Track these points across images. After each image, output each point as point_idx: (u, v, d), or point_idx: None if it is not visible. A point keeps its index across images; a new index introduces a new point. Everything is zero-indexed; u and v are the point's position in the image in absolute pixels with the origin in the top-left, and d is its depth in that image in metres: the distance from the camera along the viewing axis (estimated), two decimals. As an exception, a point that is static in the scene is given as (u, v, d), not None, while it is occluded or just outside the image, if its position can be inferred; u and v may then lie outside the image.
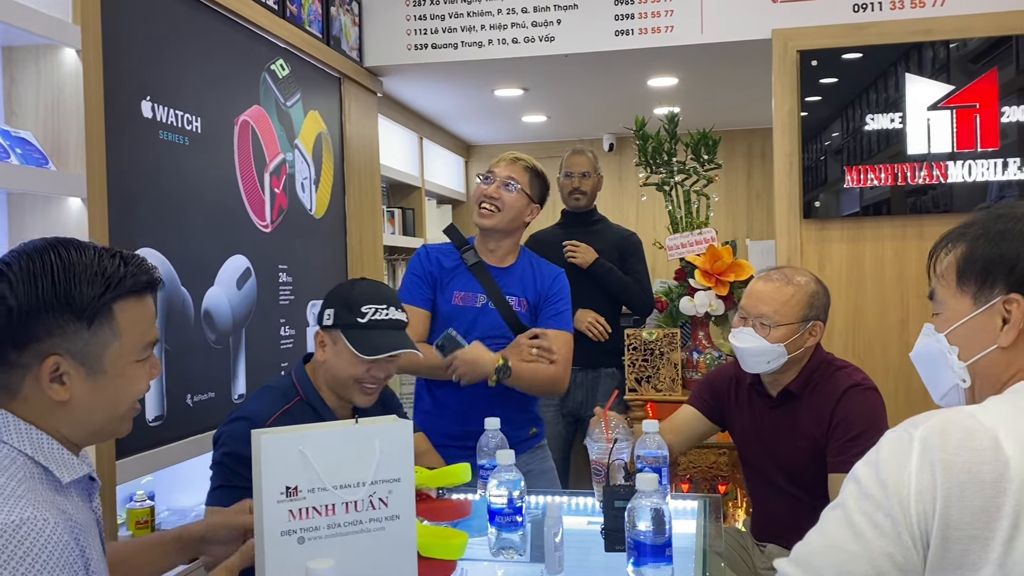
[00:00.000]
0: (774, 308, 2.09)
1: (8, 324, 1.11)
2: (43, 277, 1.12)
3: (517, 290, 2.40)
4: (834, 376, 2.13)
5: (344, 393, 1.88)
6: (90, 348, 1.14)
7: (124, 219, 2.25)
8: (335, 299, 1.88)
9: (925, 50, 3.31)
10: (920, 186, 3.31)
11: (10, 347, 1.12)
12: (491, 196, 2.35)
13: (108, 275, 1.15)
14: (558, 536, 1.52)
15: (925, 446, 0.96)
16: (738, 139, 5.75)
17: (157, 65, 2.43)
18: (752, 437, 2.22)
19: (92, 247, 1.18)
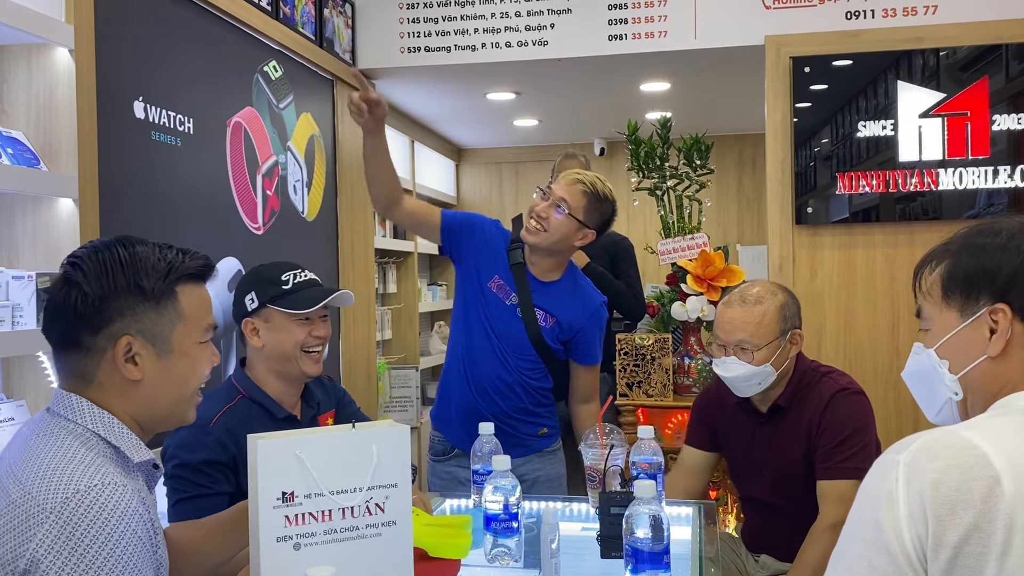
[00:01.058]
0: (750, 332, 2.07)
1: (84, 310, 1.21)
2: (113, 265, 1.22)
3: (548, 305, 2.35)
4: (820, 383, 2.12)
5: (292, 369, 1.88)
6: (159, 328, 1.25)
7: (115, 220, 2.23)
8: (249, 285, 1.93)
9: (915, 58, 3.33)
10: (909, 193, 3.33)
11: (87, 332, 1.21)
12: (539, 215, 2.28)
13: (169, 260, 1.27)
14: (554, 543, 1.51)
15: (911, 470, 0.96)
16: (729, 145, 5.76)
17: (150, 65, 2.42)
18: (744, 454, 2.21)
19: (152, 243, 1.30)
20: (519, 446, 2.35)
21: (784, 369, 2.11)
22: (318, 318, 1.91)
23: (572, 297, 2.37)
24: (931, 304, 1.18)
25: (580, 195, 2.28)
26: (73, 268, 1.23)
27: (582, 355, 2.42)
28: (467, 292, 2.38)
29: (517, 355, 2.33)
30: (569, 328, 2.35)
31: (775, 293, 2.13)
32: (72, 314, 1.21)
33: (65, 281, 1.23)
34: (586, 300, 2.40)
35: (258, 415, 1.85)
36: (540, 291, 2.35)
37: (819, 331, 3.44)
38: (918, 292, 1.21)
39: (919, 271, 1.21)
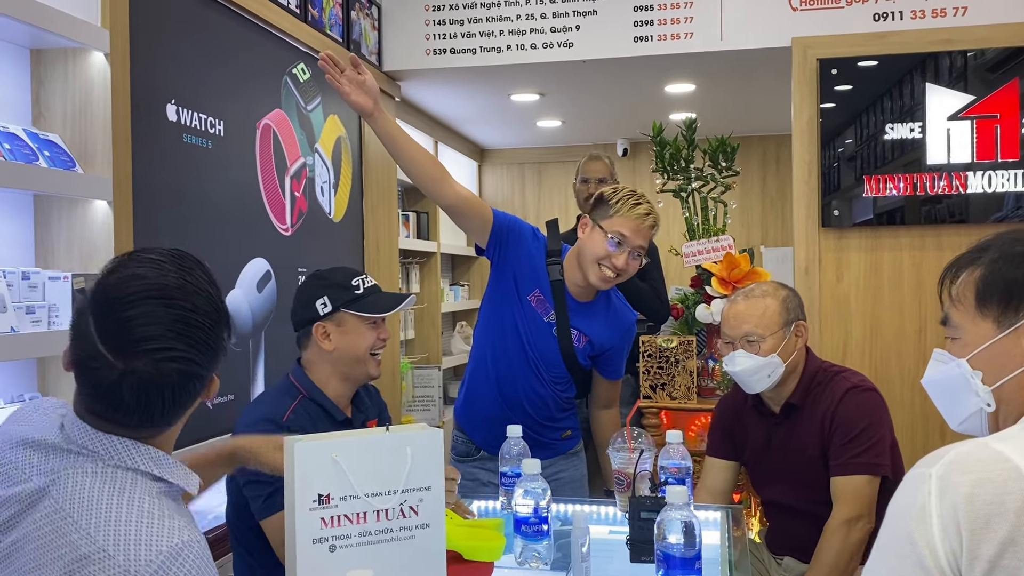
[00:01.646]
0: (754, 323, 2.09)
1: (203, 387, 1.17)
2: (215, 337, 1.16)
3: (583, 325, 2.31)
4: (832, 381, 2.13)
5: (358, 372, 1.93)
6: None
7: (148, 222, 2.26)
8: (320, 290, 1.93)
9: (943, 59, 3.30)
10: (936, 195, 3.30)
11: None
12: (620, 268, 2.19)
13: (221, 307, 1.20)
14: (585, 546, 1.52)
15: (944, 483, 0.95)
16: (753, 145, 5.74)
17: (182, 69, 2.45)
18: (763, 456, 2.21)
19: (204, 287, 1.17)
20: (544, 448, 2.34)
21: (792, 362, 2.11)
22: (381, 321, 1.96)
23: (606, 317, 2.34)
24: (961, 312, 1.15)
25: (650, 235, 2.25)
26: (187, 362, 1.11)
27: (608, 370, 2.41)
28: (503, 298, 2.33)
29: (550, 370, 2.33)
30: (600, 347, 2.34)
31: (777, 288, 2.17)
32: (194, 389, 1.15)
33: (181, 375, 1.11)
34: (620, 320, 2.37)
35: (320, 416, 1.90)
36: (577, 311, 2.31)
37: (845, 335, 3.43)
38: (946, 299, 1.17)
39: (946, 277, 1.18)
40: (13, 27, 1.89)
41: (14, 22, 1.85)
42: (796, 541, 2.17)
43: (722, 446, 2.30)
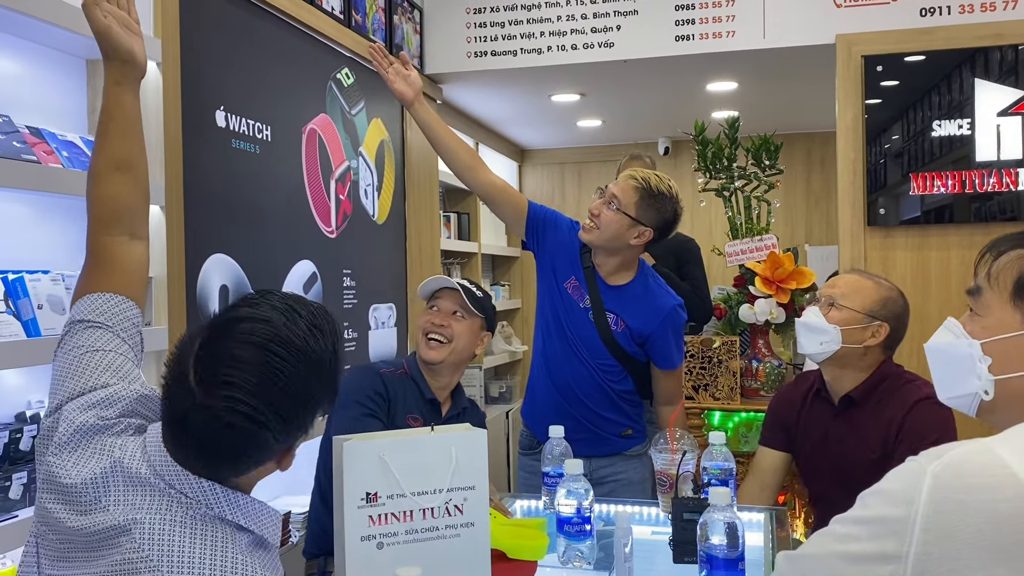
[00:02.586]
0: (844, 291, 2.10)
1: (276, 447, 1.08)
2: (295, 408, 1.08)
3: (618, 309, 2.34)
4: (903, 388, 2.09)
5: (420, 351, 2.10)
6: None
7: (199, 226, 2.32)
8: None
9: (992, 54, 3.24)
10: (985, 193, 3.24)
11: (271, 460, 1.11)
12: (592, 212, 2.30)
13: (331, 354, 1.15)
14: (628, 546, 1.53)
15: (937, 483, 0.93)
16: (797, 143, 5.67)
17: (230, 76, 2.50)
18: (817, 450, 2.18)
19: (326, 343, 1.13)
20: (602, 443, 2.38)
21: (854, 351, 2.07)
22: (448, 313, 2.11)
23: (642, 301, 2.35)
24: (996, 294, 1.09)
25: (632, 191, 2.27)
26: (256, 418, 1.03)
27: (658, 359, 2.40)
28: (547, 288, 2.43)
29: (594, 356, 2.37)
30: (639, 333, 2.34)
31: (892, 288, 2.14)
32: (264, 454, 1.08)
33: (252, 421, 1.03)
34: (657, 304, 2.37)
35: (410, 388, 2.09)
36: (609, 294, 2.35)
37: (892, 334, 3.37)
38: (982, 271, 1.12)
39: (990, 252, 1.12)
40: (70, 39, 1.96)
41: (71, 34, 1.91)
42: None
43: (775, 436, 2.28)
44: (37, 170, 1.79)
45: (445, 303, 2.12)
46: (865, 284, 2.12)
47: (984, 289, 1.11)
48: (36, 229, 1.99)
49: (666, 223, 2.31)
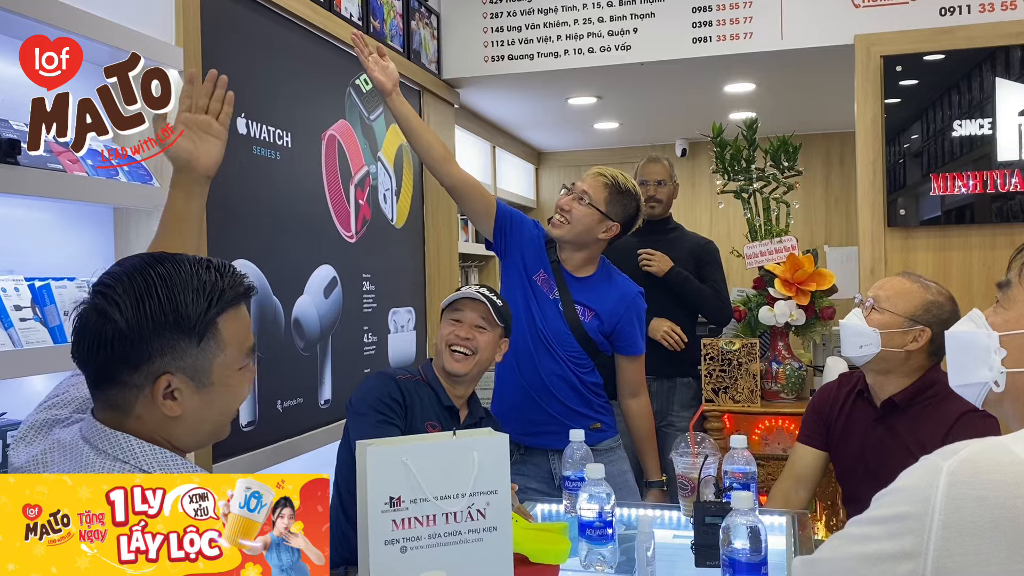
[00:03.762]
0: (888, 294, 2.07)
1: (122, 348, 1.12)
2: (149, 298, 1.13)
3: (585, 299, 2.46)
4: (950, 397, 2.04)
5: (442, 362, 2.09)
6: (199, 363, 1.17)
7: (221, 232, 2.34)
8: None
9: (1013, 52, 3.21)
10: (1008, 193, 3.21)
11: (125, 369, 1.14)
12: (563, 208, 2.42)
13: (209, 290, 1.17)
14: (650, 550, 1.53)
15: (953, 479, 0.93)
16: (816, 144, 5.65)
17: (251, 83, 2.53)
18: (856, 453, 2.15)
19: (186, 260, 1.19)
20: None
21: (896, 356, 2.04)
22: (472, 326, 2.09)
23: (608, 289, 2.48)
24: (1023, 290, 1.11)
25: (602, 187, 2.40)
26: (106, 299, 1.13)
27: (624, 345, 2.50)
28: (516, 282, 2.49)
29: (564, 347, 2.44)
30: (608, 320, 2.45)
31: (939, 293, 2.09)
32: (108, 350, 1.12)
33: (99, 312, 1.13)
34: (621, 291, 2.50)
35: (428, 395, 2.08)
36: (576, 286, 2.46)
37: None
38: (1015, 267, 1.13)
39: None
40: (93, 48, 1.98)
41: (94, 43, 1.94)
42: None
43: (814, 434, 2.25)
44: (63, 179, 1.81)
45: (469, 315, 2.10)
46: (910, 288, 2.07)
47: (1014, 284, 1.13)
48: (61, 237, 2.02)
49: (630, 218, 2.46)
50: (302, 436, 2.69)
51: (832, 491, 2.82)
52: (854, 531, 1.01)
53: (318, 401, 2.82)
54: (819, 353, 3.54)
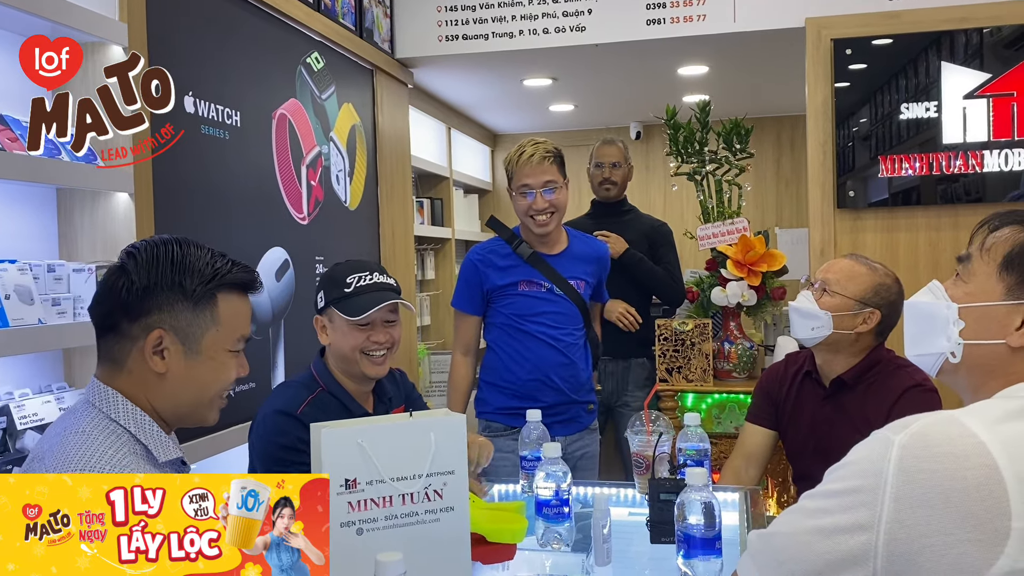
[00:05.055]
0: (837, 277, 2.11)
1: (128, 297, 1.25)
2: (163, 260, 1.26)
3: (578, 272, 2.53)
4: (895, 374, 2.10)
5: (354, 370, 1.90)
6: (192, 328, 1.27)
7: (169, 213, 2.28)
8: (322, 282, 1.96)
9: (958, 37, 3.28)
10: (951, 175, 3.29)
11: (125, 319, 1.25)
12: (542, 209, 2.43)
13: (217, 267, 1.30)
14: (606, 528, 1.54)
15: (904, 453, 0.95)
16: (767, 127, 5.72)
17: (199, 60, 2.47)
18: (805, 432, 2.20)
19: (208, 248, 1.32)
20: (573, 422, 2.52)
21: (846, 338, 2.09)
22: (381, 323, 1.88)
23: (585, 251, 2.58)
24: (983, 264, 1.12)
25: (551, 165, 2.44)
26: (128, 257, 1.27)
27: (597, 296, 2.69)
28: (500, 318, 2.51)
29: (566, 332, 2.48)
30: (597, 281, 2.61)
31: (887, 275, 2.14)
32: (116, 299, 1.25)
33: (119, 268, 1.27)
34: (596, 249, 2.63)
35: (337, 410, 1.88)
36: (561, 263, 2.51)
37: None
38: (976, 241, 1.15)
39: (988, 223, 1.15)
40: (32, 22, 1.91)
41: (32, 17, 1.87)
42: None
43: (763, 414, 2.30)
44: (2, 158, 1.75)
45: (377, 314, 1.88)
46: (860, 270, 2.11)
47: (974, 258, 1.14)
48: (2, 218, 1.95)
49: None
50: (254, 421, 2.65)
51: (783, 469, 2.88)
52: (808, 504, 1.02)
53: (271, 385, 2.78)
54: (770, 333, 3.59)
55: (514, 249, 2.48)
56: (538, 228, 2.44)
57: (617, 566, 1.63)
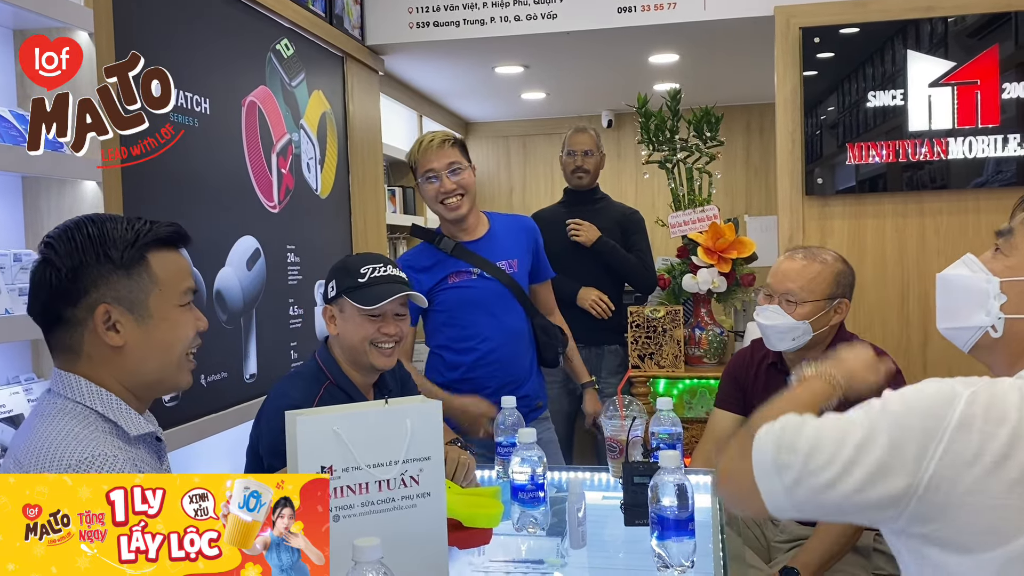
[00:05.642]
0: (800, 285, 2.10)
1: (60, 284, 1.23)
2: (82, 239, 1.24)
3: (504, 253, 2.52)
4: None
5: (362, 360, 1.92)
6: (134, 295, 1.26)
7: (138, 202, 2.25)
8: (334, 272, 1.96)
9: (923, 26, 3.32)
10: (917, 162, 3.34)
11: (66, 306, 1.24)
12: (449, 190, 2.41)
13: (136, 228, 1.28)
14: (581, 511, 1.56)
15: (970, 411, 0.97)
16: (736, 115, 5.76)
17: (167, 47, 2.43)
18: None
19: (123, 216, 1.32)
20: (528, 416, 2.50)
21: (823, 334, 2.12)
22: (392, 315, 1.91)
23: (508, 231, 2.57)
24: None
25: (451, 148, 2.43)
26: (47, 248, 1.25)
27: (542, 272, 2.65)
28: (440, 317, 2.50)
29: (509, 315, 2.50)
30: (525, 257, 2.56)
31: (837, 261, 2.16)
32: (49, 290, 1.24)
33: (42, 261, 1.26)
34: (521, 226, 2.62)
35: (344, 402, 1.88)
36: (485, 247, 2.50)
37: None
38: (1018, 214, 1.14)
39: None
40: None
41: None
42: None
43: (731, 399, 2.32)
44: (-35, 145, 1.72)
45: (389, 306, 1.91)
46: (814, 269, 2.11)
47: (1016, 231, 1.13)
48: (-35, 206, 1.92)
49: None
50: (228, 411, 2.63)
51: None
52: (857, 431, 1.03)
53: (243, 375, 2.76)
54: (740, 319, 3.64)
55: (437, 245, 2.47)
56: (451, 213, 2.43)
57: (592, 549, 1.65)
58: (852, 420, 1.05)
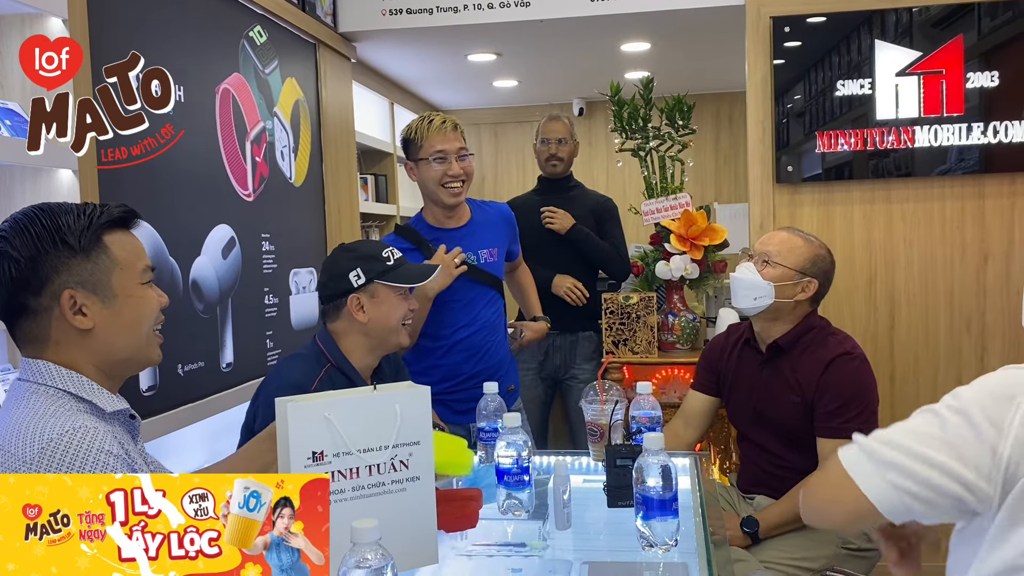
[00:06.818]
0: (778, 249, 2.23)
1: (20, 275, 1.26)
2: (36, 228, 1.27)
3: (485, 243, 2.55)
4: (826, 341, 2.22)
5: (391, 341, 2.00)
6: (96, 277, 1.29)
7: (113, 191, 2.23)
8: (353, 262, 1.98)
9: (889, 16, 3.38)
10: (883, 150, 3.41)
11: (29, 295, 1.27)
12: (456, 174, 2.43)
13: (89, 213, 1.31)
14: (566, 494, 1.59)
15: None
16: (707, 103, 5.81)
17: (141, 34, 2.41)
18: (744, 396, 2.32)
19: (72, 203, 1.34)
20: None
21: (785, 305, 2.22)
22: (409, 293, 2.03)
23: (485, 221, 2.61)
24: None
25: (461, 135, 2.51)
26: (2, 241, 1.27)
27: (513, 255, 2.75)
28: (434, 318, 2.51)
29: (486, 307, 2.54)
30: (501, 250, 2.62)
31: (821, 246, 2.29)
32: (10, 282, 1.26)
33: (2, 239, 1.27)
34: (501, 215, 2.67)
35: (345, 385, 1.92)
36: (467, 238, 2.52)
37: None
38: None
39: None
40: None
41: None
42: (769, 480, 2.29)
43: (706, 381, 2.43)
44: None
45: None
46: (798, 243, 2.24)
47: None
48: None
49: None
50: (205, 400, 2.63)
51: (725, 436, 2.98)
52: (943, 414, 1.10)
53: (220, 364, 2.75)
54: (712, 305, 3.69)
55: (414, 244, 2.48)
56: (452, 198, 2.45)
57: (576, 530, 1.68)
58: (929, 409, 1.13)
